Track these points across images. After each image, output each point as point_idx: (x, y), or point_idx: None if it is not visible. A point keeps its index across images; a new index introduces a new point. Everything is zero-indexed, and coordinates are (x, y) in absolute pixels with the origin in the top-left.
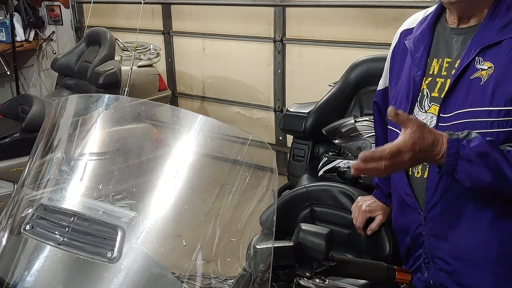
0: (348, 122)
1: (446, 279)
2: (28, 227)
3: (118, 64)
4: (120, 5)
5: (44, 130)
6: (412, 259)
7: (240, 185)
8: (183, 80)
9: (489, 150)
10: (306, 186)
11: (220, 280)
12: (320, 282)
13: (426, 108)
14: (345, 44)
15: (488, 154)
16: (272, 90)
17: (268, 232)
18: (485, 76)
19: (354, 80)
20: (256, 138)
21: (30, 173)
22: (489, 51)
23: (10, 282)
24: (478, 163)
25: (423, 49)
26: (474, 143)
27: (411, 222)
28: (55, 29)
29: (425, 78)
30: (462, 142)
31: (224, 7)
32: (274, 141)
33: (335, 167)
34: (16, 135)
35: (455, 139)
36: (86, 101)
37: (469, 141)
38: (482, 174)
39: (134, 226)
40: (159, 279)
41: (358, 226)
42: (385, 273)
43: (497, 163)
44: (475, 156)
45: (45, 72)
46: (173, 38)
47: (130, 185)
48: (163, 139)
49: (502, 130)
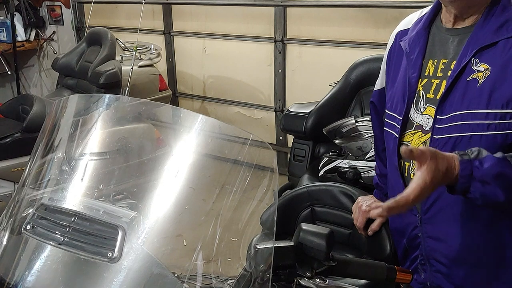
0: (348, 122)
1: (442, 281)
2: (28, 227)
3: (119, 64)
4: (120, 5)
5: (44, 130)
6: (409, 260)
7: (241, 185)
8: (183, 80)
9: (503, 170)
10: (307, 186)
11: (221, 280)
12: (320, 282)
13: (422, 110)
14: (345, 44)
15: (502, 174)
16: (273, 90)
17: (269, 232)
18: (482, 78)
19: (354, 80)
20: (256, 138)
21: (30, 173)
22: (485, 52)
23: (10, 282)
24: (493, 184)
25: (419, 51)
26: (487, 164)
27: (407, 224)
28: (56, 29)
29: (421, 80)
30: (475, 163)
31: (225, 7)
32: (274, 141)
33: (335, 167)
34: (16, 135)
35: (467, 160)
36: (87, 101)
37: (481, 162)
38: (496, 193)
39: (135, 226)
40: (160, 279)
41: (359, 226)
42: (386, 273)
43: (510, 181)
44: (490, 178)
45: (45, 72)
46: (173, 38)
47: (130, 185)
48: (164, 139)
49: (499, 133)
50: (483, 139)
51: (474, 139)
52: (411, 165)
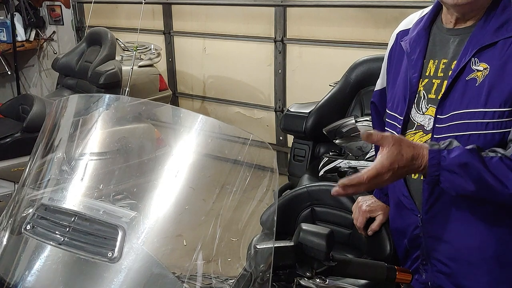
0: (348, 122)
1: (443, 281)
2: (28, 227)
3: (119, 64)
4: (120, 5)
5: (44, 130)
6: (410, 260)
7: (241, 185)
8: (183, 80)
9: (469, 161)
10: (307, 186)
11: (221, 280)
12: (320, 282)
13: (423, 110)
14: (345, 44)
15: (468, 164)
16: (273, 90)
17: (269, 232)
18: (481, 77)
19: (354, 80)
20: (256, 138)
21: (30, 173)
22: (484, 52)
23: (10, 282)
24: (460, 173)
25: (419, 51)
26: (454, 154)
27: (408, 223)
28: (56, 29)
29: (422, 80)
30: (443, 152)
31: (225, 7)
32: (274, 141)
33: (335, 167)
34: (16, 135)
35: (436, 150)
36: (87, 101)
37: (449, 151)
38: (465, 183)
39: (135, 226)
40: (160, 279)
41: (359, 226)
42: (386, 273)
43: (478, 172)
44: (456, 167)
45: (45, 72)
46: (173, 38)
47: (130, 185)
48: (164, 139)
49: (497, 131)
50: (481, 138)
51: (472, 138)
52: None
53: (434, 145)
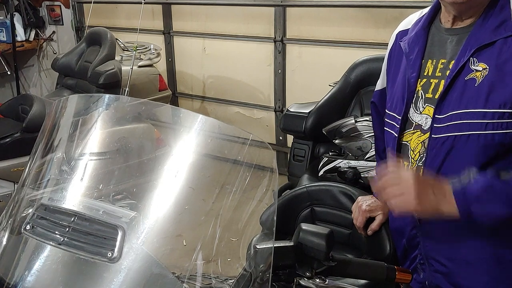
0: (348, 122)
1: (441, 280)
2: (28, 227)
3: (119, 64)
4: (120, 5)
5: (44, 130)
6: (408, 260)
7: (241, 185)
8: (183, 80)
9: (492, 183)
10: (307, 186)
11: (221, 280)
12: (320, 282)
13: (421, 110)
14: (345, 44)
15: (493, 186)
16: (273, 90)
17: (269, 232)
18: (480, 78)
19: (354, 80)
20: (256, 138)
21: (30, 173)
22: (483, 51)
23: (10, 282)
24: (488, 199)
25: (418, 51)
26: (475, 182)
27: (406, 223)
28: (56, 29)
29: (420, 80)
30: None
31: (225, 7)
32: (274, 141)
33: (335, 167)
34: (16, 135)
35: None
36: (87, 101)
37: (470, 183)
38: (495, 208)
39: (135, 226)
40: (160, 279)
41: (359, 226)
42: (386, 273)
43: (506, 193)
44: (481, 192)
45: (45, 72)
46: (173, 38)
47: (130, 185)
48: (164, 139)
49: (497, 132)
50: (481, 138)
51: (472, 138)
52: (409, 165)
53: (454, 182)
